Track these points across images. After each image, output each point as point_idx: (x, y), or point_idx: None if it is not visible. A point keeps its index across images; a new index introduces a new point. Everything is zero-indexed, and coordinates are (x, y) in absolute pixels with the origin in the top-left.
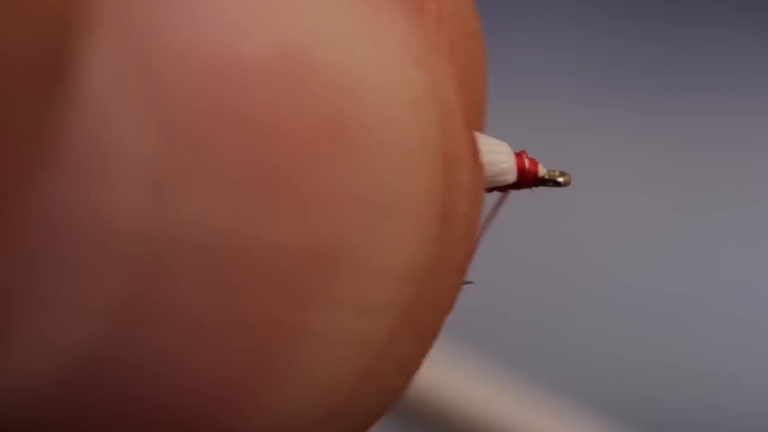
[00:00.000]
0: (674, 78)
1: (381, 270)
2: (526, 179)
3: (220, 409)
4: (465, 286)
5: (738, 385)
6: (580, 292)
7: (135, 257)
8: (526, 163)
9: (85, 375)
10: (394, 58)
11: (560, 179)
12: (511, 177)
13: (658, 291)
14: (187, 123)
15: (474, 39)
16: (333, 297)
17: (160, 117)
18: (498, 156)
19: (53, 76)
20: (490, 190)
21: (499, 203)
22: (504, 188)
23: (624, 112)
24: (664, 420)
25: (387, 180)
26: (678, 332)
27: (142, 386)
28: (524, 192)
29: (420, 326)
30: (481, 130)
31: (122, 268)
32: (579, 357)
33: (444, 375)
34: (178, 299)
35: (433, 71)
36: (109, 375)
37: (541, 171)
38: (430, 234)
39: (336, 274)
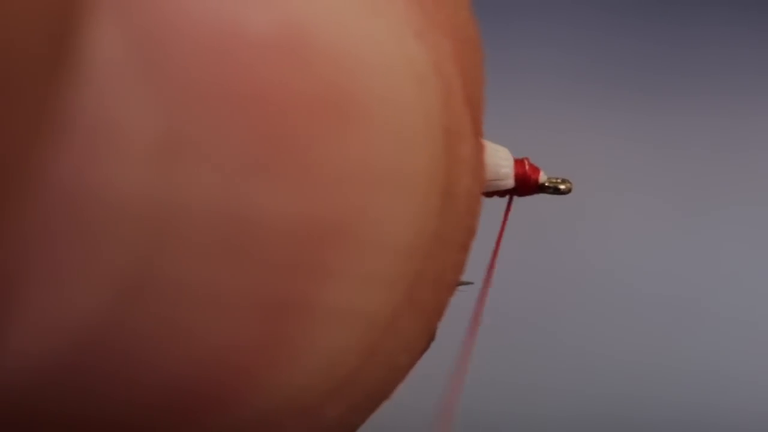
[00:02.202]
0: (674, 78)
1: (384, 243)
2: (527, 185)
3: (225, 383)
4: (466, 287)
5: (738, 385)
6: (579, 292)
7: (141, 230)
8: (527, 168)
9: (93, 349)
10: (396, 32)
11: (561, 186)
12: (510, 182)
13: (657, 291)
14: (191, 98)
15: (470, 44)
16: (337, 269)
17: (165, 92)
18: (498, 160)
19: (60, 52)
20: (490, 194)
21: (506, 213)
22: (504, 193)
23: (624, 113)
24: (664, 420)
25: (388, 153)
26: (678, 332)
27: (146, 364)
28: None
29: (424, 303)
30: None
31: (128, 242)
32: (579, 357)
33: None
34: (184, 272)
35: (435, 46)
36: (115, 351)
37: (542, 178)
38: (432, 208)
39: (339, 246)
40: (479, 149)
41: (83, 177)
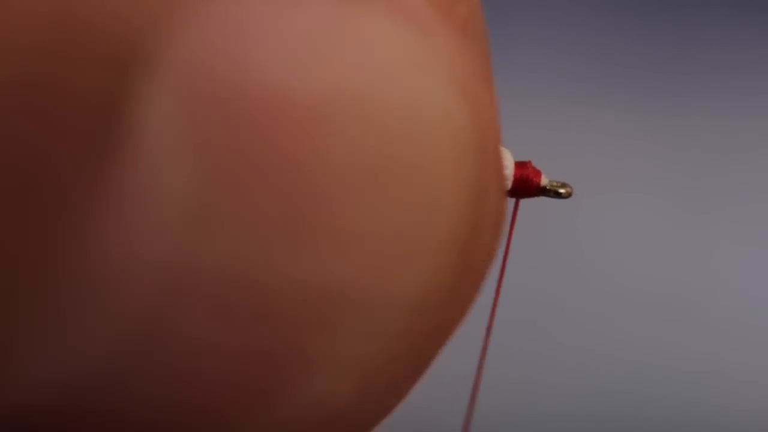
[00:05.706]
0: (675, 78)
1: (395, 301)
2: (528, 188)
3: (224, 419)
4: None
5: (738, 385)
6: (577, 291)
7: (154, 291)
8: (530, 171)
9: (96, 393)
10: (440, 86)
11: (561, 190)
12: (508, 184)
13: (656, 290)
14: (226, 161)
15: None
16: (341, 326)
17: (203, 158)
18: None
19: (108, 117)
20: None
21: (513, 217)
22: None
23: (624, 112)
24: (663, 420)
25: (417, 218)
26: (677, 332)
27: (147, 405)
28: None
29: (420, 351)
30: None
31: (140, 299)
32: (577, 356)
33: None
34: (192, 325)
35: (475, 97)
36: (117, 397)
37: (543, 181)
38: (449, 266)
39: (348, 305)
40: (503, 200)
41: (108, 240)
